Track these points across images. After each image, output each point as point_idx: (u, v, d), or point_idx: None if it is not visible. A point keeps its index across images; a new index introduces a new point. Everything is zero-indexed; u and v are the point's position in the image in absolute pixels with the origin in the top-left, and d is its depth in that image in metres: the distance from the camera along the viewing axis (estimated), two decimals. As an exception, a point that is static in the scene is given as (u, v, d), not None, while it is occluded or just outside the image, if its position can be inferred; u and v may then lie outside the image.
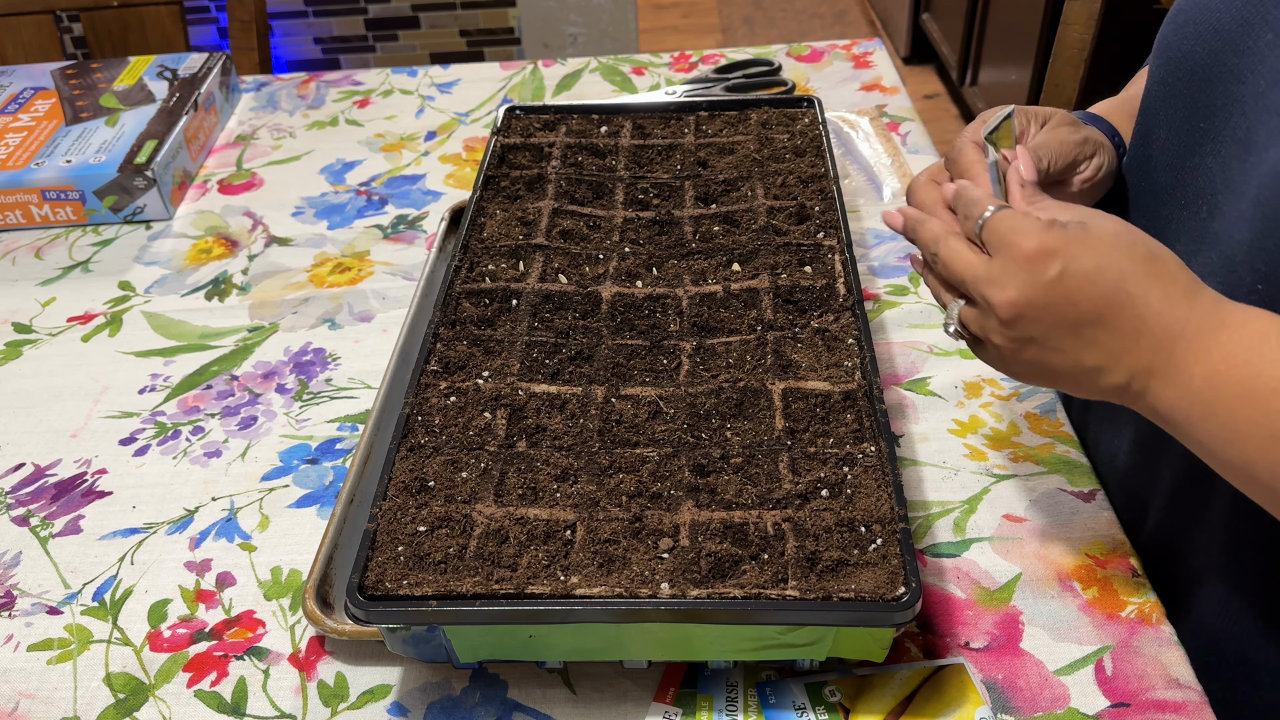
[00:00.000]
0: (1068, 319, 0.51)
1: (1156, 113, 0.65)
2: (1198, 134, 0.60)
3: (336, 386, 0.84)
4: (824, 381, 0.66)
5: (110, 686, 0.64)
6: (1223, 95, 0.58)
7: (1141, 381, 0.51)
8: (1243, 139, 0.56)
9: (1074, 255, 0.50)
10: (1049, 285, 0.50)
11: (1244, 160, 0.56)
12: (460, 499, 0.60)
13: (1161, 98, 0.64)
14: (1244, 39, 0.57)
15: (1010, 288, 0.52)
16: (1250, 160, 0.55)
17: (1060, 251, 0.50)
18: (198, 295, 0.95)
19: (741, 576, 0.55)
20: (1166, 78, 0.63)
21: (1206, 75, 0.59)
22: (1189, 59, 0.61)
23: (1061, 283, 0.50)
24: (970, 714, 0.59)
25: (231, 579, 0.70)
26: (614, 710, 0.60)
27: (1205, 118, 0.60)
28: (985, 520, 0.70)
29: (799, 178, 0.85)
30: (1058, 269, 0.50)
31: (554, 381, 0.68)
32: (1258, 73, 0.55)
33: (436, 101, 1.23)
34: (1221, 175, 0.58)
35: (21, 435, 0.82)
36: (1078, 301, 0.50)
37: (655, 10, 3.15)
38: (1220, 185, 0.58)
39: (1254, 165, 0.54)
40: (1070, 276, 0.50)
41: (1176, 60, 0.62)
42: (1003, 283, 0.52)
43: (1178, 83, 0.62)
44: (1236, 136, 0.57)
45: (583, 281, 0.76)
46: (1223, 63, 0.58)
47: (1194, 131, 0.61)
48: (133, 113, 1.12)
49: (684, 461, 0.62)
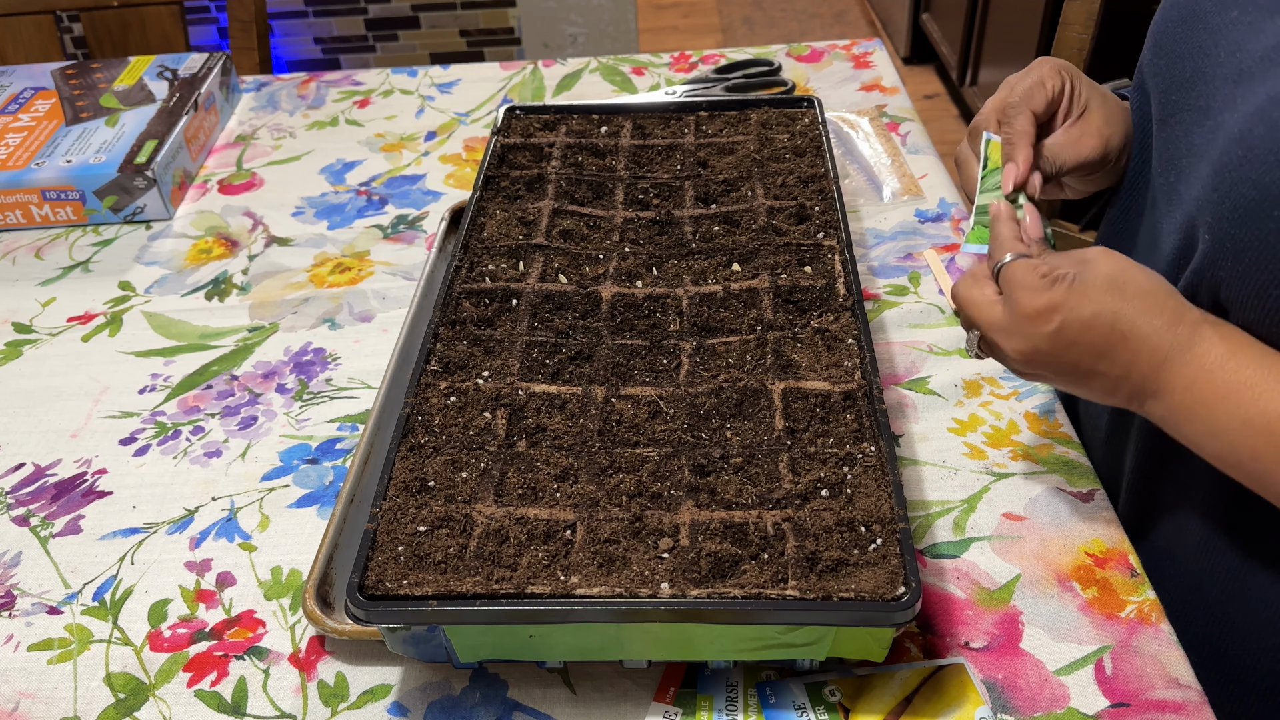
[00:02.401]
0: (1069, 360, 0.58)
1: (1143, 86, 0.69)
2: (1171, 106, 0.64)
3: (336, 386, 0.84)
4: (824, 381, 0.66)
5: (110, 686, 0.64)
6: (1192, 69, 0.62)
7: (1139, 399, 0.58)
8: (1203, 106, 0.61)
9: (1072, 307, 0.57)
10: (1051, 336, 0.58)
11: (1203, 126, 0.60)
12: (460, 499, 0.60)
13: (1148, 74, 0.68)
14: (1214, 16, 0.61)
15: (1018, 339, 0.59)
16: (1208, 125, 0.60)
17: (1060, 306, 0.57)
18: (198, 295, 0.95)
19: (741, 576, 0.55)
20: (1152, 57, 0.68)
21: (1181, 51, 0.64)
22: (1169, 37, 0.65)
23: (1062, 333, 0.58)
24: (970, 714, 0.59)
25: (232, 579, 0.70)
26: (614, 710, 0.60)
27: (1178, 90, 0.64)
28: (985, 519, 0.70)
29: (799, 178, 0.85)
30: (1058, 322, 0.57)
31: (554, 381, 0.68)
32: (1220, 45, 0.60)
33: (436, 101, 1.23)
34: (1186, 142, 0.62)
35: (21, 435, 0.82)
36: (1078, 344, 0.57)
37: (655, 10, 3.15)
38: (1185, 150, 0.62)
39: (1211, 130, 0.59)
40: (1069, 327, 0.57)
41: (1159, 39, 0.67)
42: (1012, 334, 0.60)
43: (1159, 60, 0.66)
44: (1199, 105, 0.61)
45: (583, 281, 0.76)
46: (1195, 39, 0.62)
47: (1168, 104, 0.65)
48: (133, 113, 1.12)
49: (684, 461, 0.62)
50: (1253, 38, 0.58)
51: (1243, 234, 0.54)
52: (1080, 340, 0.57)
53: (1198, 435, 0.56)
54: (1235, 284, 0.55)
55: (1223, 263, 0.56)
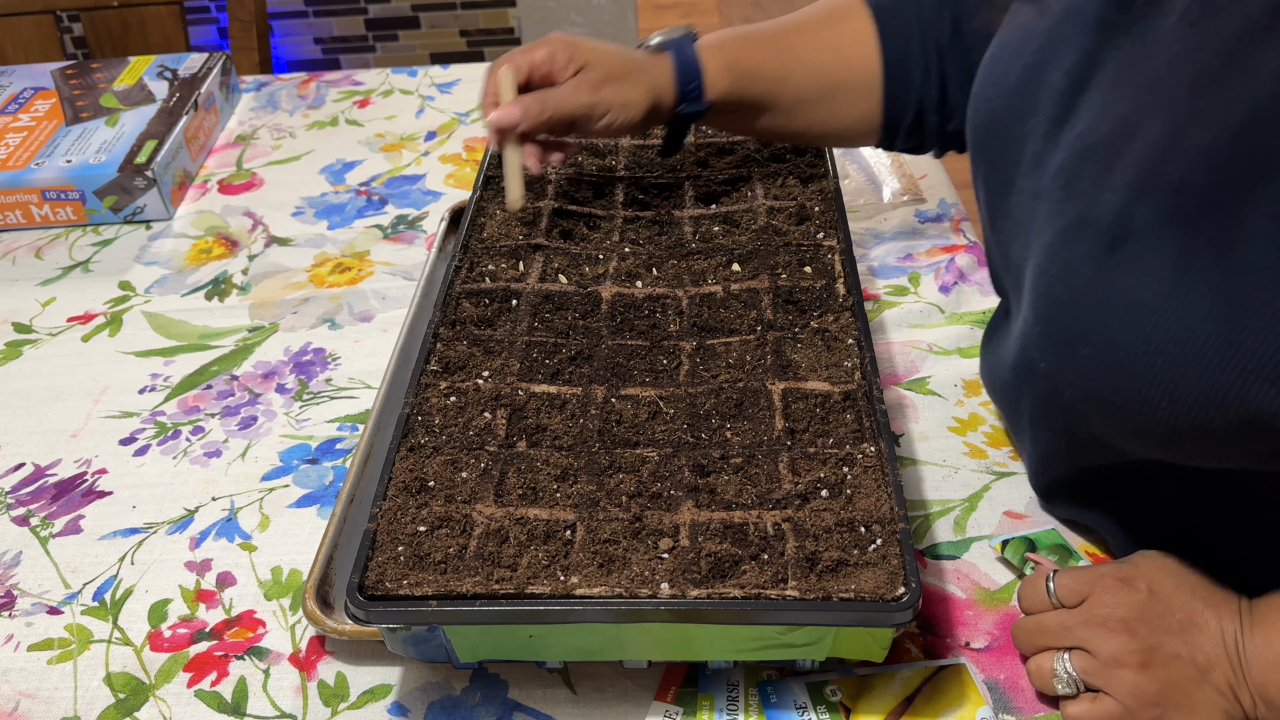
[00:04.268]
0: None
1: (973, 148, 0.67)
2: (995, 211, 0.64)
3: (336, 386, 0.84)
4: (824, 382, 0.66)
5: (110, 686, 0.64)
6: (1004, 179, 0.61)
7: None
8: (1018, 218, 0.60)
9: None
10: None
11: (1018, 240, 0.60)
12: (460, 499, 0.60)
13: (974, 176, 0.67)
14: (1015, 125, 0.60)
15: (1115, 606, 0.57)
16: (1021, 240, 0.59)
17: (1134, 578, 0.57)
18: (198, 295, 0.95)
19: (741, 576, 0.55)
20: (973, 159, 0.66)
21: (995, 158, 0.62)
22: (983, 143, 0.64)
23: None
24: (971, 714, 0.59)
25: (232, 579, 0.70)
26: (614, 710, 0.60)
27: (998, 197, 0.63)
28: (986, 518, 0.70)
29: (799, 178, 0.85)
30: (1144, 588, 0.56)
31: (554, 381, 0.68)
32: (1025, 156, 0.59)
33: (436, 101, 1.23)
34: (1012, 251, 0.62)
35: (21, 435, 0.82)
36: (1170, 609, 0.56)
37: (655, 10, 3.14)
38: (1014, 260, 0.62)
39: (1023, 247, 0.59)
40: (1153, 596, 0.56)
41: (976, 144, 0.65)
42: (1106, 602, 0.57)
43: (979, 164, 0.65)
44: (1014, 216, 0.61)
45: (583, 281, 0.76)
46: (1003, 147, 0.61)
47: (993, 209, 0.64)
48: (133, 113, 1.12)
49: (684, 461, 0.62)
50: (1050, 150, 0.57)
51: (1057, 368, 0.55)
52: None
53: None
54: (1070, 394, 0.55)
55: (1055, 378, 0.56)
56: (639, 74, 0.75)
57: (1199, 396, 0.47)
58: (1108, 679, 0.55)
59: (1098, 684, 0.56)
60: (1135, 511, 0.63)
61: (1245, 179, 0.46)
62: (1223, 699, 0.54)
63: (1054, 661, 0.58)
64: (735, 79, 0.78)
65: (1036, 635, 0.59)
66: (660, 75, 0.76)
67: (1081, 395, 0.53)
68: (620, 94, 0.74)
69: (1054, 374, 0.56)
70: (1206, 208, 0.47)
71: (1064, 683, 0.57)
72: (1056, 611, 0.59)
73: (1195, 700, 0.54)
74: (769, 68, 0.78)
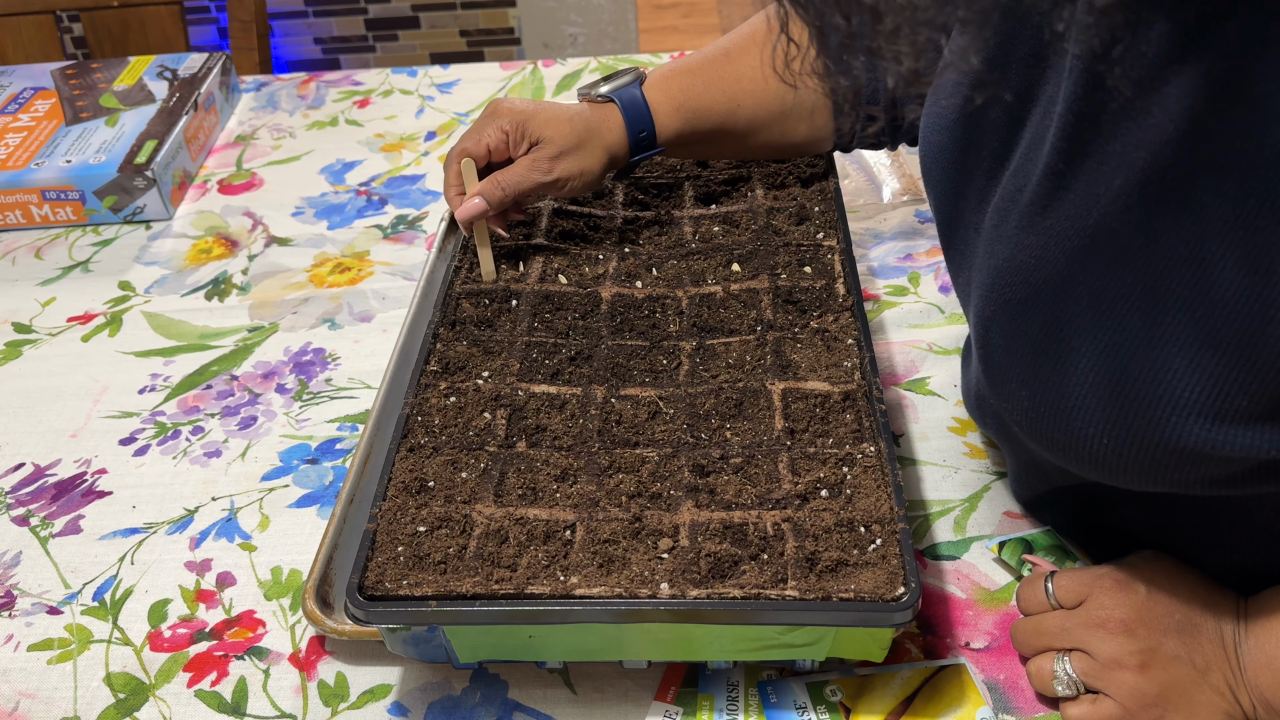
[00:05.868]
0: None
1: (924, 175, 0.66)
2: (946, 239, 0.63)
3: (336, 386, 0.84)
4: (823, 382, 0.66)
5: (110, 686, 0.64)
6: (952, 208, 0.61)
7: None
8: (961, 249, 0.60)
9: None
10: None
11: (963, 274, 0.60)
12: (460, 499, 0.60)
13: (929, 201, 0.66)
14: (961, 156, 0.58)
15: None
16: (966, 274, 0.59)
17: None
18: (198, 295, 0.95)
19: (741, 577, 0.55)
20: (927, 187, 0.65)
21: (944, 188, 0.61)
22: (933, 174, 0.63)
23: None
24: (971, 714, 0.59)
25: (232, 579, 0.70)
26: (614, 710, 0.60)
27: (948, 226, 0.62)
28: (985, 518, 0.70)
29: (799, 178, 0.85)
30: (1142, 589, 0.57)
31: (554, 381, 0.68)
32: (970, 189, 0.58)
33: (436, 101, 1.23)
34: (961, 280, 0.62)
35: (21, 435, 0.82)
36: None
37: (655, 10, 3.15)
38: (963, 289, 0.62)
39: (965, 285, 0.60)
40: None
41: (926, 170, 0.64)
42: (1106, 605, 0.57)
43: (931, 192, 0.64)
44: (958, 247, 0.60)
45: (582, 281, 0.76)
46: (950, 178, 0.60)
47: (946, 235, 0.63)
48: (133, 113, 1.12)
49: (684, 462, 0.62)
50: (991, 187, 0.56)
51: (1003, 407, 0.55)
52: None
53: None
54: (1019, 429, 0.55)
55: (1002, 415, 0.56)
56: (591, 141, 0.77)
57: (1136, 433, 0.47)
58: (1107, 680, 0.55)
59: (1097, 685, 0.56)
60: (1108, 527, 0.63)
61: (1158, 211, 0.45)
62: (1222, 699, 0.54)
63: (1053, 663, 0.58)
64: (686, 119, 0.79)
65: (1036, 637, 0.59)
66: (611, 134, 0.78)
67: (1029, 433, 0.53)
68: (575, 164, 0.76)
69: (1001, 412, 0.56)
70: (1120, 250, 0.47)
71: (1064, 684, 0.57)
72: (1055, 613, 0.59)
73: (1195, 701, 0.54)
74: (719, 103, 0.79)
